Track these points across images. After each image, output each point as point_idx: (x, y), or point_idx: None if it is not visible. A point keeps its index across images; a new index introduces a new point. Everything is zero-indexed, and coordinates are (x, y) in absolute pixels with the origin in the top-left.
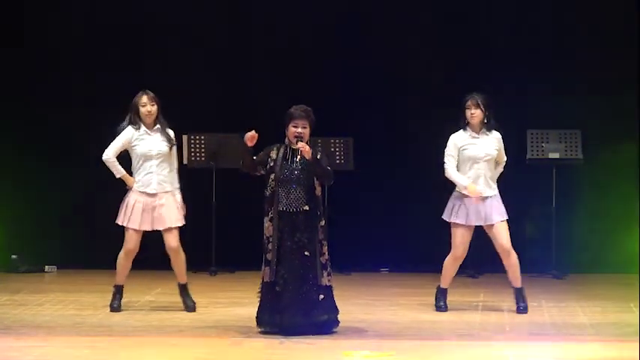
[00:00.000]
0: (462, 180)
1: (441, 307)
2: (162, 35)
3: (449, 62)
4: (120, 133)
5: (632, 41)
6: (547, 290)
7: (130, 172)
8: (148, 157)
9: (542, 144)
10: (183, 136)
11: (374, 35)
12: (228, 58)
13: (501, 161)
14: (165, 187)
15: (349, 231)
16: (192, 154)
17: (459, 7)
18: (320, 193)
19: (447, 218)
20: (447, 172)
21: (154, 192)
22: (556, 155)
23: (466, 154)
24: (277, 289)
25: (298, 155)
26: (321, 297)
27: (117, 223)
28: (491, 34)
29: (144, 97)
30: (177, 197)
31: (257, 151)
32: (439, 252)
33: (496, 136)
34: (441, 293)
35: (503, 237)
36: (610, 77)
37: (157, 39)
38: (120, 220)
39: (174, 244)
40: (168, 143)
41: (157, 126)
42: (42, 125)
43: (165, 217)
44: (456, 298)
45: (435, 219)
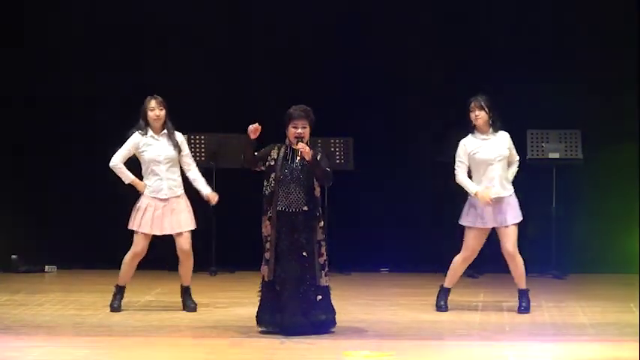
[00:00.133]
0: (471, 186)
1: (442, 306)
2: (162, 35)
3: (449, 62)
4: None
5: (632, 41)
6: (547, 290)
7: (141, 177)
8: (156, 163)
9: (542, 144)
10: (184, 136)
11: (374, 35)
12: (228, 58)
13: (514, 160)
14: (177, 192)
15: (349, 231)
16: (192, 154)
17: (459, 7)
18: (319, 193)
19: (462, 222)
20: (457, 177)
21: (166, 197)
22: (556, 155)
23: (478, 158)
24: (277, 288)
25: (298, 156)
26: (319, 297)
27: (129, 227)
28: (492, 34)
29: (152, 102)
30: (206, 191)
31: (259, 147)
32: (439, 252)
33: (505, 135)
34: (443, 292)
35: (510, 241)
36: (610, 77)
37: (157, 39)
38: (131, 224)
39: (186, 247)
40: (175, 148)
41: (164, 131)
42: (42, 125)
43: (177, 221)
44: (456, 298)
45: (435, 219)
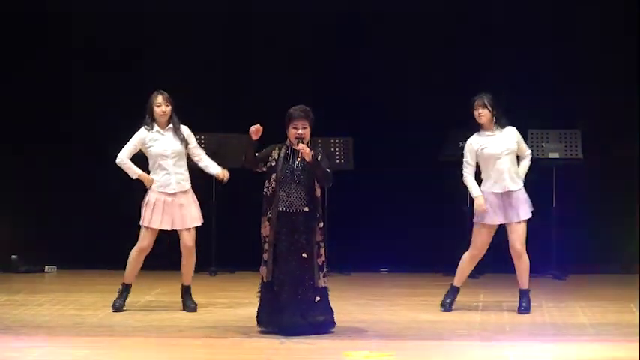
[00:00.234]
0: (474, 190)
1: (446, 304)
2: (162, 35)
3: (449, 62)
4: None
5: (632, 41)
6: (547, 290)
7: (148, 172)
8: (163, 157)
9: (542, 144)
10: None
11: (374, 35)
12: (228, 58)
13: (524, 154)
14: (185, 186)
15: (349, 231)
16: None
17: (459, 7)
18: (320, 194)
19: (474, 220)
20: (464, 179)
21: (174, 192)
22: (556, 155)
23: (486, 153)
24: (275, 289)
25: (299, 156)
26: (317, 299)
27: (140, 224)
28: (492, 34)
29: (159, 97)
30: (216, 171)
31: (260, 148)
32: (439, 252)
33: (512, 130)
34: (451, 291)
35: (518, 238)
36: (610, 77)
37: (157, 39)
38: (142, 220)
39: (190, 243)
40: (182, 142)
41: (170, 126)
42: (42, 125)
43: (185, 216)
44: (456, 297)
45: (435, 219)
